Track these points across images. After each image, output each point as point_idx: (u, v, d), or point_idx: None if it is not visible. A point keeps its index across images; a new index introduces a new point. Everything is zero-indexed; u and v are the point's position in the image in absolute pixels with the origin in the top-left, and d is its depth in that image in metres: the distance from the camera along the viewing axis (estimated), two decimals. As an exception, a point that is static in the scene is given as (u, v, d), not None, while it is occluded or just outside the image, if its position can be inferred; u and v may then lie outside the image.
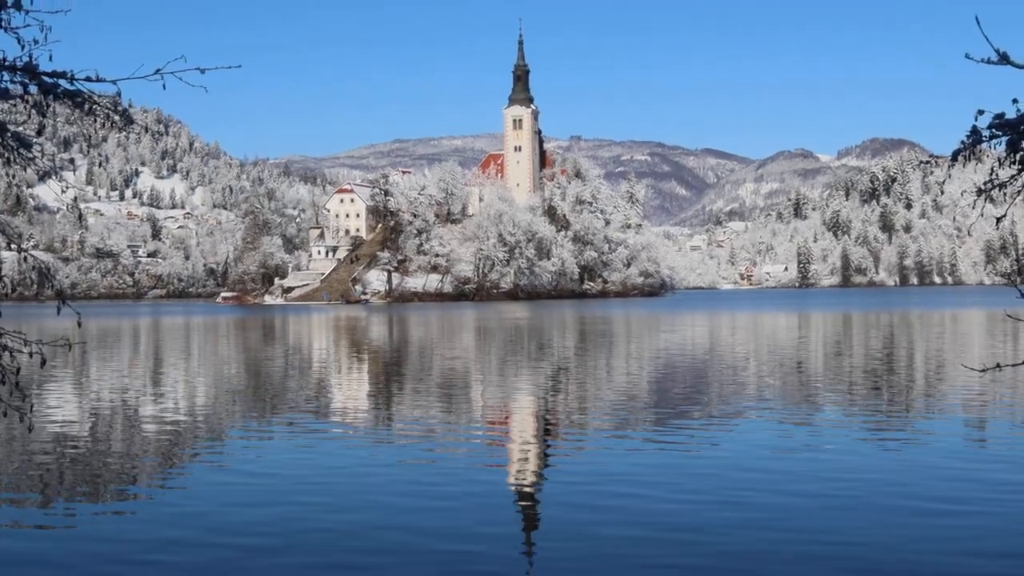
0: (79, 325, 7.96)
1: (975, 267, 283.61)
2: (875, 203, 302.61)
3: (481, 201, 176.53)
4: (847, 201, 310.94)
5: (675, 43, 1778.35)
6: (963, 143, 6.43)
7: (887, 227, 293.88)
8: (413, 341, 52.31)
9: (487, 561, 10.33)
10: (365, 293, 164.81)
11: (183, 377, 32.70)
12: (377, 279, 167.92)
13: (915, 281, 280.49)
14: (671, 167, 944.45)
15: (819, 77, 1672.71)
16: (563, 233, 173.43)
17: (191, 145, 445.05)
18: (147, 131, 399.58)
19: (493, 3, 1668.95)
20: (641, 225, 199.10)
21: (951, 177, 7.42)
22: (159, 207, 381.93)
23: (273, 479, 14.58)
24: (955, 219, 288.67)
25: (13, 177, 7.36)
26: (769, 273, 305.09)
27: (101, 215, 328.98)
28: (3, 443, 18.10)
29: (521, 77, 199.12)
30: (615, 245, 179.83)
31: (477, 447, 17.78)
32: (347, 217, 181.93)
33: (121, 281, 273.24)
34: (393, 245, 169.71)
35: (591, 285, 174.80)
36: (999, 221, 8.27)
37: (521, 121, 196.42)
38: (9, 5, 6.45)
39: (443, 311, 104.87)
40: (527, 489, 14.11)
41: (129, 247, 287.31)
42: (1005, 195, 6.61)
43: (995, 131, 6.35)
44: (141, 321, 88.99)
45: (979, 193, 6.79)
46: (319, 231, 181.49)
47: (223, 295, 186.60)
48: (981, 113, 6.35)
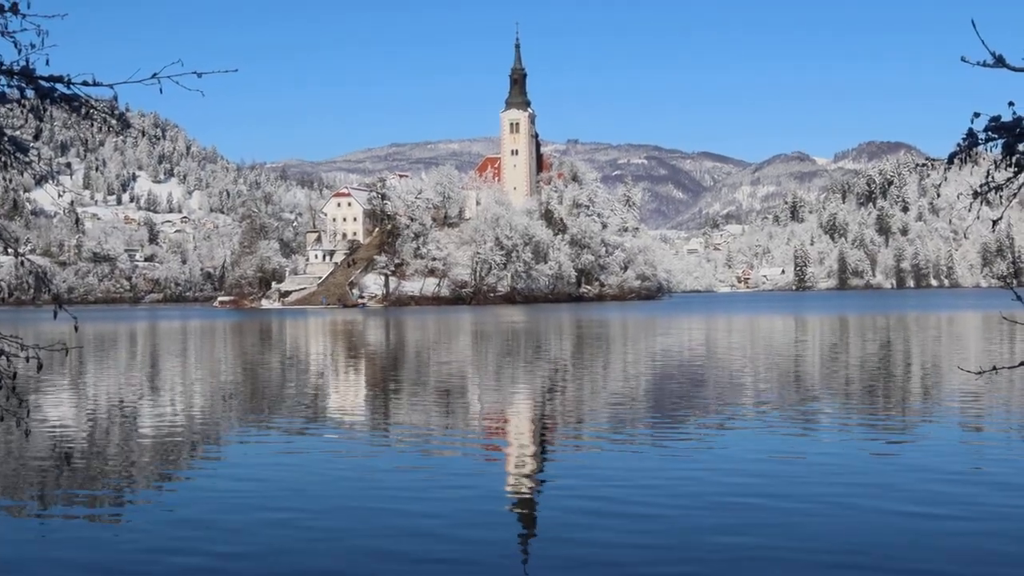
0: (76, 329, 7.94)
1: (971, 270, 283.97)
2: (872, 206, 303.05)
3: (478, 205, 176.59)
4: (844, 204, 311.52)
5: (672, 47, 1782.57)
6: (959, 146, 6.44)
7: (884, 230, 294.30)
8: (410, 345, 52.28)
9: (483, 564, 10.33)
10: (362, 297, 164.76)
11: (180, 381, 32.66)
12: (374, 283, 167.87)
13: (912, 284, 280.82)
14: (668, 170, 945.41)
15: (815, 80, 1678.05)
16: (560, 237, 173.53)
17: (188, 149, 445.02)
18: (144, 135, 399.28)
19: (490, 7, 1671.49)
20: (638, 228, 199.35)
21: (947, 180, 7.48)
22: (156, 211, 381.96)
23: (268, 483, 14.55)
24: (951, 222, 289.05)
25: (10, 181, 7.37)
26: (766, 276, 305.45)
27: (98, 219, 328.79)
28: (0, 448, 18.07)
29: (518, 81, 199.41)
30: (612, 248, 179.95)
31: (474, 450, 17.75)
32: (344, 221, 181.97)
33: (118, 285, 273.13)
34: (390, 249, 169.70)
35: (588, 288, 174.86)
36: (995, 224, 8.28)
37: (518, 125, 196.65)
38: (6, 9, 6.46)
39: (440, 315, 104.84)
40: (523, 492, 14.09)
41: (126, 251, 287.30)
42: (1001, 198, 6.62)
43: (991, 134, 6.36)
44: (138, 325, 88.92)
45: (975, 196, 6.79)
46: (316, 235, 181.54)
47: (220, 299, 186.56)
48: (977, 116, 6.36)
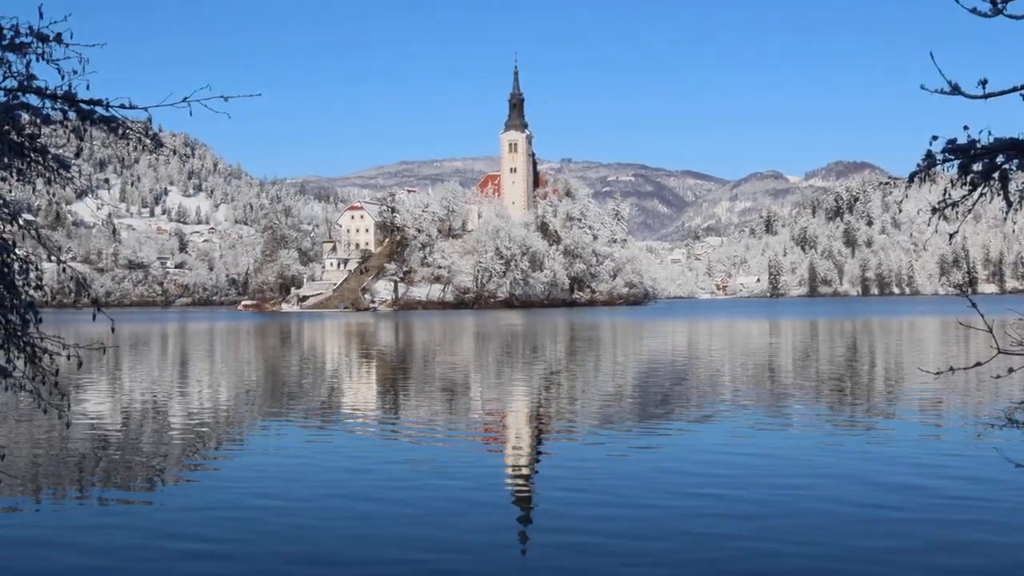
0: (112, 330, 7.98)
1: (930, 279, 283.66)
2: (839, 220, 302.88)
3: (480, 218, 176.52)
4: (814, 218, 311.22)
5: (658, 75, 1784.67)
6: (919, 166, 6.45)
7: (850, 242, 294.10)
8: (417, 345, 52.24)
9: (481, 550, 10.31)
10: (373, 301, 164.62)
11: (207, 378, 32.61)
12: (384, 289, 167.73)
13: (876, 292, 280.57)
14: (653, 187, 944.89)
15: (788, 106, 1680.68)
16: (555, 247, 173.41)
17: (215, 166, 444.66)
18: (175, 153, 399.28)
19: (491, 39, 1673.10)
20: (626, 240, 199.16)
21: (908, 197, 7.44)
22: (186, 223, 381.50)
23: (285, 473, 14.53)
24: (912, 235, 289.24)
25: (53, 195, 7.39)
26: (743, 284, 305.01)
27: (133, 230, 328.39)
28: (43, 438, 18.06)
29: (516, 105, 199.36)
30: (602, 258, 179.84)
31: (475, 443, 17.74)
32: (357, 232, 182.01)
33: (151, 290, 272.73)
34: (399, 258, 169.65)
35: (580, 295, 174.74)
36: (952, 237, 8.30)
37: (516, 145, 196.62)
38: (51, 39, 6.47)
39: (445, 318, 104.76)
40: (520, 481, 14.07)
41: (158, 259, 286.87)
42: (957, 213, 6.63)
43: (948, 155, 6.37)
44: (169, 327, 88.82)
45: (934, 212, 6.81)
46: (332, 245, 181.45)
47: (244, 303, 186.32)
48: (935, 139, 6.37)
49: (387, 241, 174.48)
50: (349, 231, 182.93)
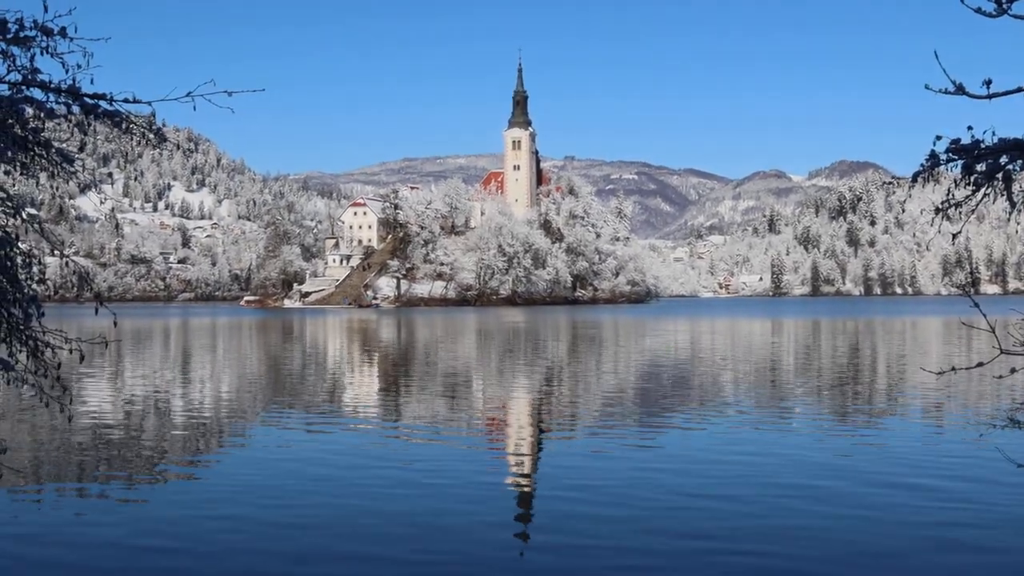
0: (115, 325, 7.99)
1: (933, 279, 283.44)
2: (842, 220, 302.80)
3: (483, 215, 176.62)
4: (817, 218, 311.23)
5: (661, 73, 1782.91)
6: (923, 166, 6.44)
7: (853, 242, 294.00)
8: (419, 342, 52.26)
9: (481, 556, 10.32)
10: (376, 298, 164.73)
11: (209, 373, 32.63)
12: (387, 285, 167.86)
13: (878, 291, 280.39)
14: (656, 185, 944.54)
15: (792, 105, 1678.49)
16: (557, 245, 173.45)
17: (218, 161, 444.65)
18: (179, 148, 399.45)
19: (495, 36, 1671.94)
20: (629, 238, 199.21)
21: (911, 197, 7.47)
22: (189, 218, 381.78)
23: (287, 468, 14.55)
24: (915, 235, 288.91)
25: (57, 189, 7.38)
26: (745, 283, 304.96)
27: (136, 225, 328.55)
28: (45, 432, 18.08)
29: (520, 102, 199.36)
30: (605, 256, 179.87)
31: (476, 439, 17.75)
32: (360, 228, 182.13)
33: (153, 285, 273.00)
34: (402, 254, 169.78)
35: (583, 292, 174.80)
36: (955, 237, 8.29)
37: (520, 142, 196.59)
38: (55, 33, 6.48)
39: (447, 315, 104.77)
40: (521, 477, 14.08)
41: (161, 254, 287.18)
42: (960, 214, 6.62)
43: (951, 155, 6.36)
44: (171, 322, 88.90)
45: (937, 212, 6.80)
46: (334, 241, 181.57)
47: (246, 299, 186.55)
48: (939, 139, 6.36)
49: (390, 238, 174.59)
50: (352, 227, 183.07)
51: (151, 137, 7.00)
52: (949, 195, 6.52)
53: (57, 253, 7.01)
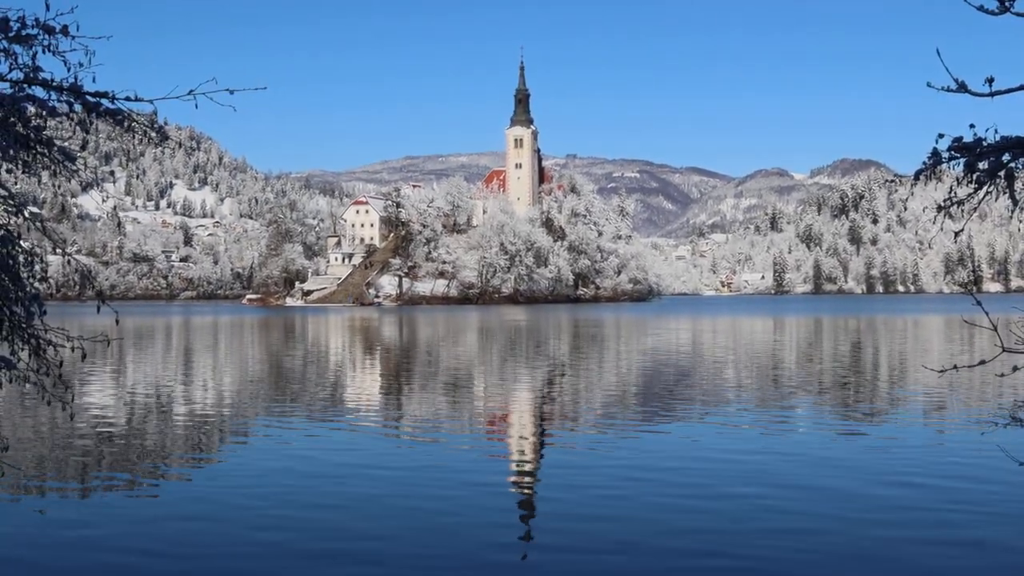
0: (117, 323, 7.96)
1: (935, 277, 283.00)
2: (844, 218, 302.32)
3: (485, 213, 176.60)
4: (819, 216, 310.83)
5: (663, 71, 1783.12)
6: (925, 164, 6.43)
7: (855, 240, 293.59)
8: (422, 340, 52.28)
9: (481, 555, 10.33)
10: (378, 296, 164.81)
11: (210, 371, 32.66)
12: (389, 283, 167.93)
13: (880, 289, 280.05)
14: (658, 183, 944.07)
15: (794, 103, 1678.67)
16: (559, 243, 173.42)
17: (221, 160, 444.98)
18: (181, 147, 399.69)
19: (497, 34, 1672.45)
20: (631, 236, 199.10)
21: (914, 195, 7.49)
22: (191, 216, 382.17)
23: (289, 465, 14.56)
24: (917, 233, 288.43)
25: (59, 187, 7.39)
26: (747, 281, 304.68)
27: (138, 223, 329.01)
28: (47, 430, 18.11)
29: (522, 100, 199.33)
30: (607, 254, 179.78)
31: (478, 437, 17.77)
32: (362, 227, 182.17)
33: (155, 283, 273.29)
34: (404, 253, 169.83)
35: (585, 291, 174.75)
36: (957, 235, 8.28)
37: (522, 140, 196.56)
38: (57, 31, 6.48)
39: (449, 313, 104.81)
40: (523, 474, 14.09)
41: (163, 252, 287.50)
42: (963, 212, 6.61)
43: (954, 153, 6.35)
44: (173, 320, 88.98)
45: (939, 210, 6.79)
46: (336, 239, 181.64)
47: (248, 297, 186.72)
48: (941, 137, 6.35)
49: (392, 236, 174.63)
50: (354, 226, 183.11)
51: (153, 135, 7.01)
52: (951, 193, 6.51)
53: (59, 251, 7.03)
